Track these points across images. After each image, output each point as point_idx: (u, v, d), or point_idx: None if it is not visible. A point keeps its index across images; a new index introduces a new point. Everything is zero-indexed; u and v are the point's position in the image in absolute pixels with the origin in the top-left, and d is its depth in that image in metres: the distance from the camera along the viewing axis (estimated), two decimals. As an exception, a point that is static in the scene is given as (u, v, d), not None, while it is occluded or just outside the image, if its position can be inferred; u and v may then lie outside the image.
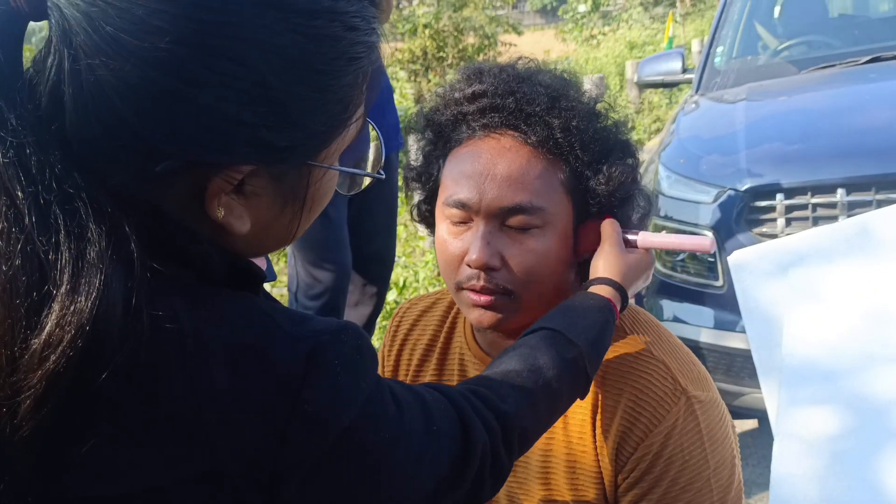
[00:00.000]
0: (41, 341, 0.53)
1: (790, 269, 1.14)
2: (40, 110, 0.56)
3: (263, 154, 0.61)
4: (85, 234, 0.55)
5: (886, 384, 1.04)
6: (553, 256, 0.99)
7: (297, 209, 0.66)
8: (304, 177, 0.65)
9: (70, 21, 0.55)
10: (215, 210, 0.62)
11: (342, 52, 0.61)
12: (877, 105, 2.71)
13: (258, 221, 0.65)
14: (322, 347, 0.62)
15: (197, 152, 0.58)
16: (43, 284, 0.54)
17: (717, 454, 1.01)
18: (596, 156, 1.00)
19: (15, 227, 0.54)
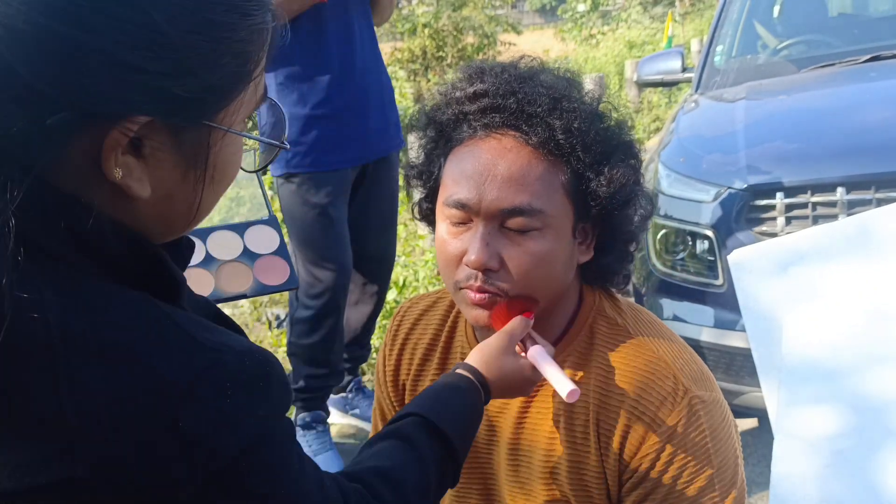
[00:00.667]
0: None
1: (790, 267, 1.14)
2: None
3: (159, 104, 0.58)
4: None
5: (886, 383, 1.04)
6: (552, 258, 0.99)
7: (200, 176, 0.64)
8: (203, 138, 0.63)
9: None
10: (112, 170, 0.59)
11: (236, 6, 0.60)
12: (876, 104, 2.71)
13: (159, 187, 0.62)
14: (219, 365, 0.59)
15: (90, 101, 0.56)
16: None
17: (721, 454, 1.01)
18: (597, 157, 0.99)
19: None
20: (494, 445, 1.12)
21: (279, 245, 1.14)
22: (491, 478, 1.14)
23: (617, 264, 1.08)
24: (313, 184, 2.21)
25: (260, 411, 0.62)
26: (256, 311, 3.89)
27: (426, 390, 0.93)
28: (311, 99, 2.17)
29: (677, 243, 2.53)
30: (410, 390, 1.19)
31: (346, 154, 2.26)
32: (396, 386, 1.21)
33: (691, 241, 2.49)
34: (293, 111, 2.17)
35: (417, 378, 1.19)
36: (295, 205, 2.24)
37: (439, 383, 0.93)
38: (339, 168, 2.25)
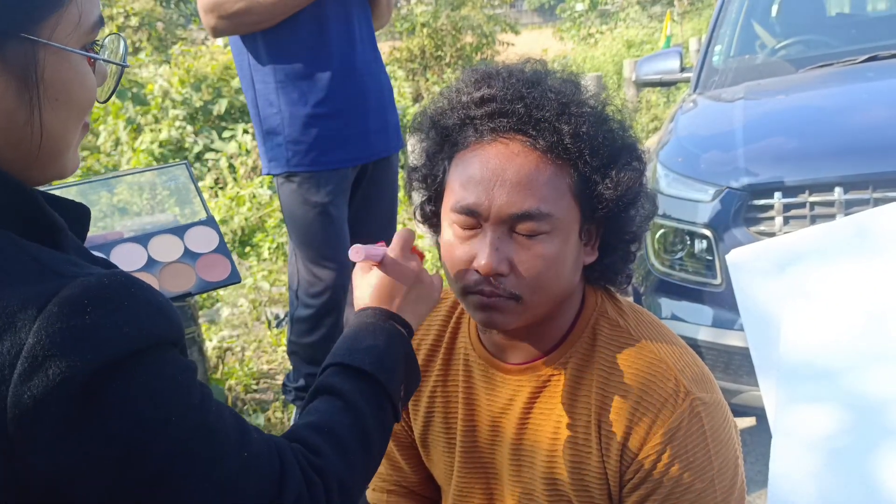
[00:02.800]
0: None
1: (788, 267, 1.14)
2: None
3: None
4: None
5: (883, 382, 1.04)
6: (561, 261, 0.99)
7: (35, 93, 0.64)
8: (28, 53, 0.63)
9: None
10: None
11: None
12: (874, 104, 2.71)
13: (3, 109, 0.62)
14: (76, 286, 0.58)
15: None
16: None
17: (721, 455, 1.01)
18: (604, 161, 0.99)
19: None
20: (498, 446, 1.12)
21: (219, 243, 1.19)
22: (494, 478, 1.14)
23: (620, 264, 1.08)
24: (314, 183, 2.22)
25: (125, 328, 0.60)
26: (256, 311, 3.89)
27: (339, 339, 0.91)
28: (312, 98, 2.17)
29: (676, 243, 2.54)
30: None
31: (347, 153, 2.26)
32: (398, 385, 1.22)
33: (689, 240, 2.50)
34: (294, 110, 2.17)
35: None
36: (295, 204, 2.25)
37: (347, 330, 0.92)
38: (340, 167, 2.25)
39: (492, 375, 1.11)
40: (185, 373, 0.65)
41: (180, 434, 0.62)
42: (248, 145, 5.88)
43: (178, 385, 0.64)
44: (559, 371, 1.07)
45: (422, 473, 1.27)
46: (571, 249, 1.01)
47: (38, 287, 0.57)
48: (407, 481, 1.28)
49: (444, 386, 1.16)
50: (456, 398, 1.15)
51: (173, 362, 0.64)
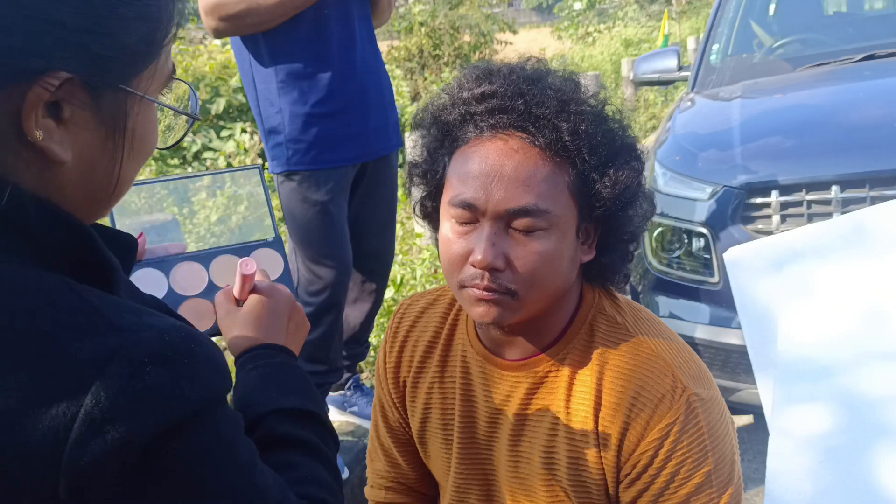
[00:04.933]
0: None
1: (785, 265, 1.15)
2: None
3: (78, 60, 0.59)
4: None
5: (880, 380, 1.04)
6: (557, 258, 1.00)
7: (119, 143, 0.64)
8: (121, 103, 0.63)
9: None
10: (33, 130, 0.58)
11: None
12: (871, 102, 2.72)
13: (80, 152, 0.62)
14: (137, 342, 0.56)
15: (10, 55, 0.55)
16: None
17: (718, 451, 1.02)
18: (603, 159, 1.00)
19: None
20: (495, 443, 1.13)
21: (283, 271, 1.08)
22: (491, 474, 1.15)
23: (618, 263, 1.09)
24: (314, 181, 2.22)
25: (185, 390, 0.58)
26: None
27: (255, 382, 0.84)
28: (312, 97, 2.17)
29: (673, 241, 2.54)
30: (411, 387, 1.20)
31: (347, 152, 2.26)
32: (397, 383, 1.22)
33: (687, 238, 2.50)
34: (294, 109, 2.17)
35: (418, 375, 1.19)
36: (295, 202, 2.25)
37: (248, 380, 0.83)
38: (340, 166, 2.26)
39: (489, 372, 1.12)
40: (235, 429, 0.65)
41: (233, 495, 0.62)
42: (245, 144, 5.88)
43: (230, 444, 0.63)
44: (557, 367, 1.07)
45: (420, 470, 1.27)
46: (568, 247, 1.01)
47: (96, 343, 0.56)
48: (405, 478, 1.29)
49: (441, 382, 1.17)
50: (453, 394, 1.15)
51: (225, 419, 0.63)
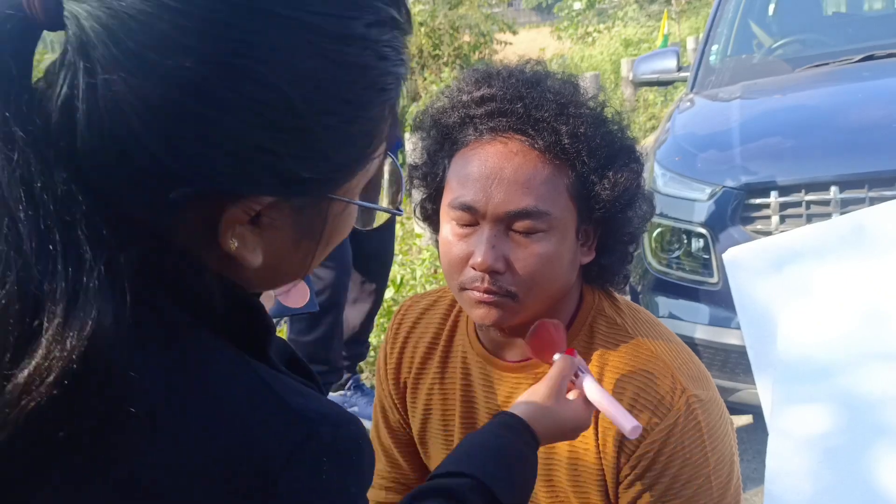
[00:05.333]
0: (27, 374, 0.50)
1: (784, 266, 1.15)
2: (50, 126, 0.52)
3: (286, 185, 0.56)
4: (83, 265, 0.51)
5: (879, 381, 1.05)
6: (557, 260, 1.00)
7: (313, 244, 0.62)
8: (322, 211, 0.61)
9: (89, 33, 0.51)
10: (228, 241, 0.57)
11: (372, 83, 0.57)
12: (870, 103, 2.72)
13: (271, 255, 0.60)
14: (316, 437, 0.56)
15: (217, 180, 0.54)
16: (35, 315, 0.50)
17: (717, 452, 1.02)
18: (602, 162, 1.00)
19: (13, 251, 0.50)
20: (495, 443, 1.13)
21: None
22: (491, 475, 1.15)
23: (617, 265, 1.09)
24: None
25: (352, 488, 0.59)
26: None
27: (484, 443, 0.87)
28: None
29: (673, 242, 2.55)
30: (412, 388, 1.20)
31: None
32: (398, 384, 1.22)
33: (686, 239, 2.51)
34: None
35: (418, 376, 1.20)
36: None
37: (498, 440, 0.87)
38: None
39: (489, 373, 1.12)
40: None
41: None
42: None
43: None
44: (557, 369, 1.07)
45: (420, 471, 1.27)
46: (568, 249, 1.01)
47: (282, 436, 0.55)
48: (405, 478, 1.29)
49: (441, 383, 1.17)
50: (454, 395, 1.16)
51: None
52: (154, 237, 0.56)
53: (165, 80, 0.51)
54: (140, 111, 0.51)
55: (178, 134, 0.52)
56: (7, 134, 0.50)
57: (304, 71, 0.53)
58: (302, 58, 0.53)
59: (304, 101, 0.54)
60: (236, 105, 0.52)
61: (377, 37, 0.56)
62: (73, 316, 0.50)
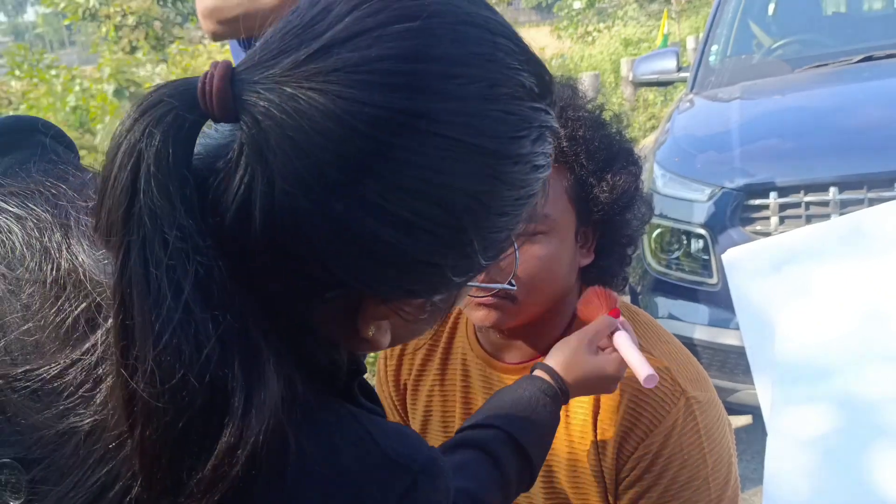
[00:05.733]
0: (210, 468, 0.51)
1: (783, 266, 1.15)
2: (224, 227, 0.52)
3: (437, 290, 0.59)
4: (258, 361, 0.52)
5: (878, 381, 1.05)
6: (556, 262, 1.00)
7: (434, 323, 0.65)
8: (452, 298, 0.63)
9: (269, 139, 0.50)
10: (367, 330, 0.59)
11: (526, 193, 0.58)
12: (869, 104, 2.73)
13: (397, 335, 0.62)
14: (415, 488, 0.58)
15: (378, 288, 0.55)
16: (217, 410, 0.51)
17: (715, 453, 1.02)
18: (600, 164, 1.00)
19: (196, 351, 0.50)
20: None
21: None
22: (490, 475, 1.15)
23: (616, 267, 1.09)
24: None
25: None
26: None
27: (510, 397, 0.90)
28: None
29: (672, 242, 2.55)
30: (412, 390, 1.21)
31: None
32: (398, 386, 1.23)
33: (686, 240, 2.51)
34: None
35: (419, 378, 1.20)
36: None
37: (524, 392, 0.90)
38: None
39: (489, 375, 1.12)
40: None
41: None
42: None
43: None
44: (556, 370, 1.07)
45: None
46: (567, 251, 1.02)
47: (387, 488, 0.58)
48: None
49: (441, 385, 1.17)
50: (453, 397, 1.16)
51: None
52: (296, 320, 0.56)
53: (342, 196, 0.50)
54: (316, 223, 0.51)
55: (347, 245, 0.52)
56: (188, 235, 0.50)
57: (472, 192, 0.54)
58: (474, 180, 0.54)
59: (472, 220, 0.55)
60: (411, 224, 0.52)
61: (538, 149, 0.57)
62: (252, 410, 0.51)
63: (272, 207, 0.51)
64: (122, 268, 0.50)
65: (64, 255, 0.57)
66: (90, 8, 14.23)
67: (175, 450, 0.51)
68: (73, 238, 0.58)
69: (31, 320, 0.57)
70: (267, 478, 0.53)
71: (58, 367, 0.55)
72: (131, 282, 0.50)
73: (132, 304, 0.50)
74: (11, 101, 8.06)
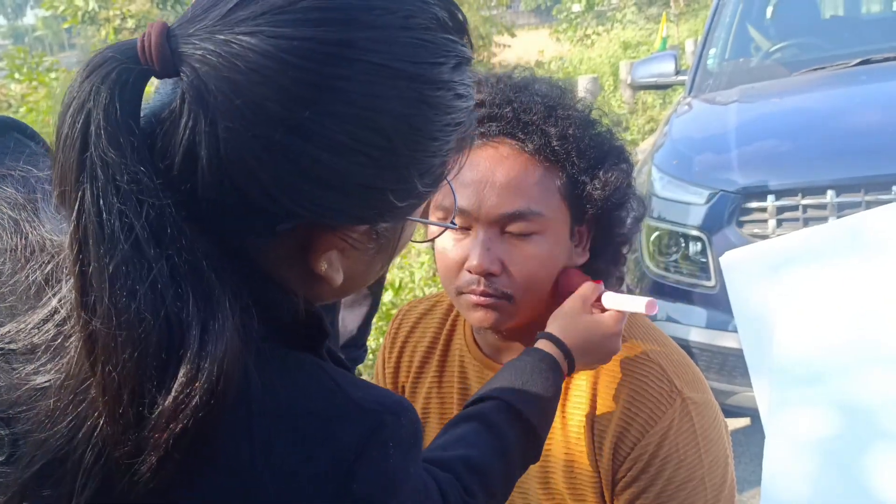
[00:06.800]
0: (170, 401, 0.53)
1: (781, 269, 1.15)
2: (172, 170, 0.55)
3: (380, 215, 0.62)
4: (211, 297, 0.55)
5: (876, 384, 1.05)
6: (552, 261, 1.01)
7: (386, 260, 0.68)
8: (399, 230, 0.67)
9: (207, 83, 0.54)
10: (320, 264, 0.62)
11: (453, 119, 0.63)
12: (866, 107, 2.74)
13: (349, 273, 0.65)
14: (383, 426, 0.61)
15: (325, 214, 0.59)
16: (173, 345, 0.54)
17: (712, 454, 1.02)
18: (592, 162, 1.01)
19: (150, 289, 0.53)
20: (491, 446, 1.13)
21: None
22: (488, 477, 1.15)
23: (611, 266, 1.10)
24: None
25: (411, 468, 0.64)
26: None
27: (509, 369, 0.92)
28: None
29: (670, 245, 2.55)
30: (410, 392, 1.21)
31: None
32: (396, 388, 1.23)
33: (684, 242, 2.51)
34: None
35: (417, 380, 1.20)
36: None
37: (523, 363, 0.92)
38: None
39: (487, 376, 1.12)
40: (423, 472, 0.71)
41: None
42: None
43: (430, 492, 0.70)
44: (553, 372, 1.08)
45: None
46: (562, 250, 1.02)
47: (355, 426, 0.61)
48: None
49: (439, 387, 1.18)
50: (451, 399, 1.16)
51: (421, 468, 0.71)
52: (253, 262, 0.60)
53: (283, 127, 0.55)
54: (259, 154, 0.55)
55: (292, 174, 0.56)
56: (139, 181, 0.53)
57: (403, 115, 0.58)
58: (402, 103, 0.58)
59: (403, 141, 0.59)
60: (346, 147, 0.57)
61: (458, 78, 0.62)
62: (207, 344, 0.54)
63: (216, 146, 0.54)
64: (77, 217, 0.53)
65: (32, 226, 0.61)
66: (90, 11, 14.26)
67: (135, 385, 0.53)
68: (40, 211, 0.62)
69: (4, 286, 0.61)
70: (235, 418, 0.56)
71: (29, 327, 0.59)
72: (86, 229, 0.53)
73: (88, 250, 0.53)
74: (11, 104, 8.06)
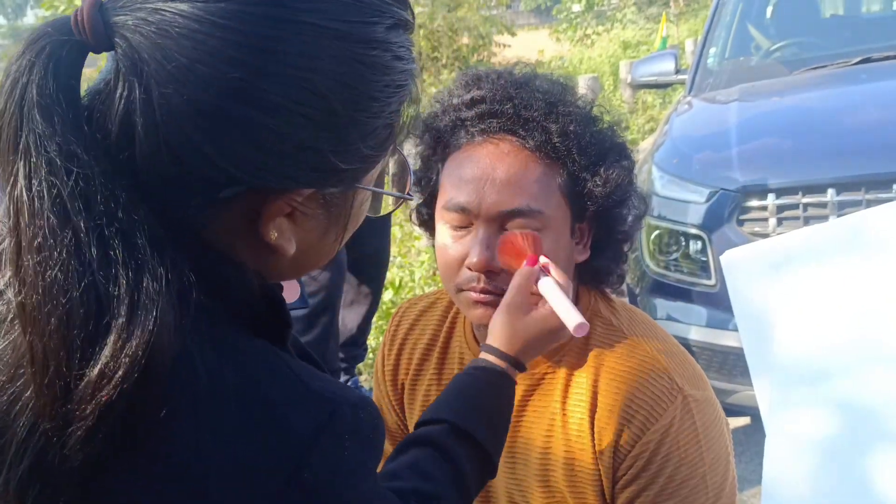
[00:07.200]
0: (96, 373, 0.53)
1: (782, 268, 1.15)
2: (109, 140, 0.56)
3: (324, 177, 0.62)
4: (144, 267, 0.55)
5: (877, 384, 1.05)
6: (553, 258, 0.99)
7: (340, 231, 0.68)
8: (349, 199, 0.67)
9: (140, 52, 0.55)
10: (269, 233, 0.62)
11: (392, 80, 0.63)
12: (867, 106, 2.73)
13: (303, 243, 0.65)
14: (339, 417, 0.61)
15: (266, 177, 0.59)
16: (100, 316, 0.54)
17: (713, 451, 1.02)
18: (593, 159, 1.01)
19: (75, 259, 0.53)
20: (491, 444, 1.13)
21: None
22: (488, 476, 1.15)
23: (612, 264, 1.10)
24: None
25: (369, 462, 0.64)
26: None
27: (456, 387, 0.90)
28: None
29: (670, 244, 2.55)
30: (409, 390, 1.21)
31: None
32: (395, 385, 1.23)
33: (684, 241, 2.51)
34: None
35: (416, 378, 1.20)
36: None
37: (465, 379, 0.90)
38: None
39: (487, 375, 1.12)
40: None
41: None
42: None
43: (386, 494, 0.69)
44: (553, 369, 1.07)
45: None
46: (563, 247, 1.02)
47: (309, 414, 0.60)
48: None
49: (438, 384, 1.17)
50: (451, 397, 1.16)
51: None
52: (195, 235, 0.60)
53: (216, 90, 0.55)
54: (196, 120, 0.55)
55: (230, 138, 0.57)
56: (68, 151, 0.54)
57: (337, 74, 0.59)
58: (336, 62, 0.59)
59: (340, 100, 0.59)
60: (282, 108, 0.57)
61: (394, 39, 0.62)
62: (136, 316, 0.54)
63: (152, 113, 0.55)
64: (10, 191, 0.54)
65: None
66: (89, 10, 14.22)
67: (62, 356, 0.53)
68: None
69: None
70: (180, 398, 0.56)
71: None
72: (19, 202, 0.54)
73: (20, 223, 0.54)
74: (10, 104, 8.06)
